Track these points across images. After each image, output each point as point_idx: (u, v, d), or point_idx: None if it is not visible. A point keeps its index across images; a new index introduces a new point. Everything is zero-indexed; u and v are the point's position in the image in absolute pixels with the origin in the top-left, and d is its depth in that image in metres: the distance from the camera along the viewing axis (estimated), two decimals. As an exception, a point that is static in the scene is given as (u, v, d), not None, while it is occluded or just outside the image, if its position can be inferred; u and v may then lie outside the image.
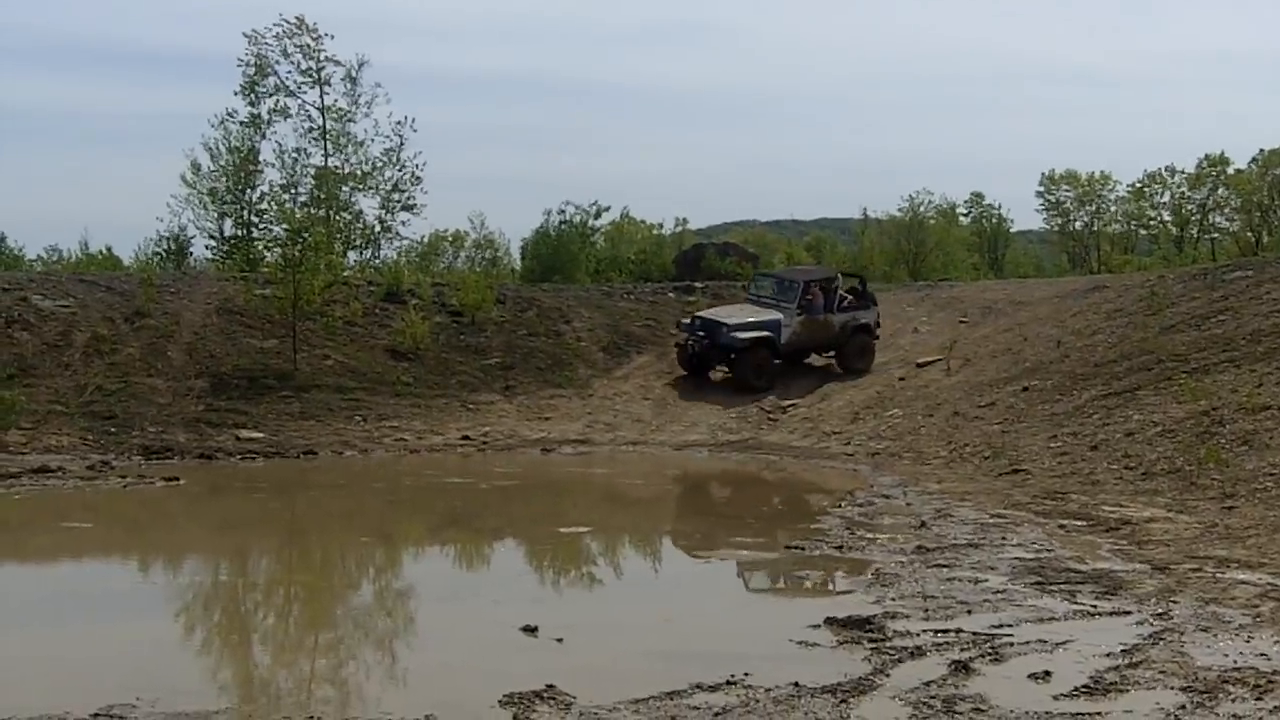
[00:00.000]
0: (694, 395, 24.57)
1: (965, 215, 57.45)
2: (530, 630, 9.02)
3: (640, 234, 39.84)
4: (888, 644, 8.57)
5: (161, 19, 67.66)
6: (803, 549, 12.35)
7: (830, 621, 9.17)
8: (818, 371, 25.73)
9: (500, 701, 7.31)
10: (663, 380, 24.78)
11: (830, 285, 26.22)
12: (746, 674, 7.76)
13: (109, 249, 32.24)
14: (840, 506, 15.02)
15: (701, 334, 25.11)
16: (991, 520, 13.66)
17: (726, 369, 25.17)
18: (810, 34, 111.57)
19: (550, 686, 7.52)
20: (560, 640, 8.86)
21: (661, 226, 40.38)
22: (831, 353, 26.03)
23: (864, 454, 19.97)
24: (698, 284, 30.32)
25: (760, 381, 24.72)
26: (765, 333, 24.94)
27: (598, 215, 37.05)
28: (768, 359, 25.02)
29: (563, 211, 36.30)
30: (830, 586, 11.10)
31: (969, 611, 9.49)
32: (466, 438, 21.52)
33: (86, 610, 10.37)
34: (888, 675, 7.86)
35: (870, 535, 12.96)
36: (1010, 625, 9.04)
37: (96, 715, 7.02)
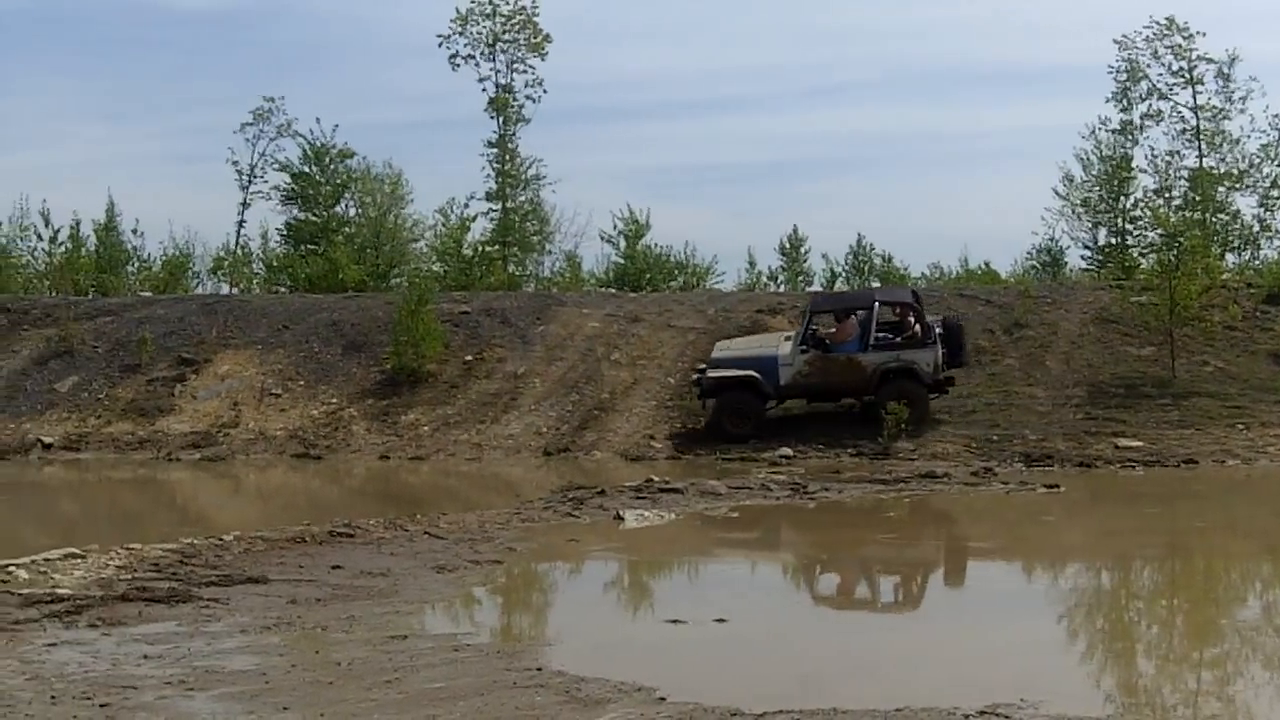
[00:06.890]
0: None
1: None
2: None
3: None
4: None
5: (1016, 37, 68.67)
6: None
7: None
8: None
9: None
10: None
11: (862, 314, 21.17)
12: None
13: (987, 264, 33.27)
14: None
15: (700, 367, 21.78)
16: None
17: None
18: None
19: None
20: None
21: None
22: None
23: None
24: None
25: (738, 431, 20.73)
26: (747, 372, 20.74)
27: None
28: (751, 404, 20.86)
29: None
30: None
31: None
32: (1368, 449, 19.94)
33: (980, 609, 11.01)
34: None
35: None
36: None
37: (983, 713, 7.32)
